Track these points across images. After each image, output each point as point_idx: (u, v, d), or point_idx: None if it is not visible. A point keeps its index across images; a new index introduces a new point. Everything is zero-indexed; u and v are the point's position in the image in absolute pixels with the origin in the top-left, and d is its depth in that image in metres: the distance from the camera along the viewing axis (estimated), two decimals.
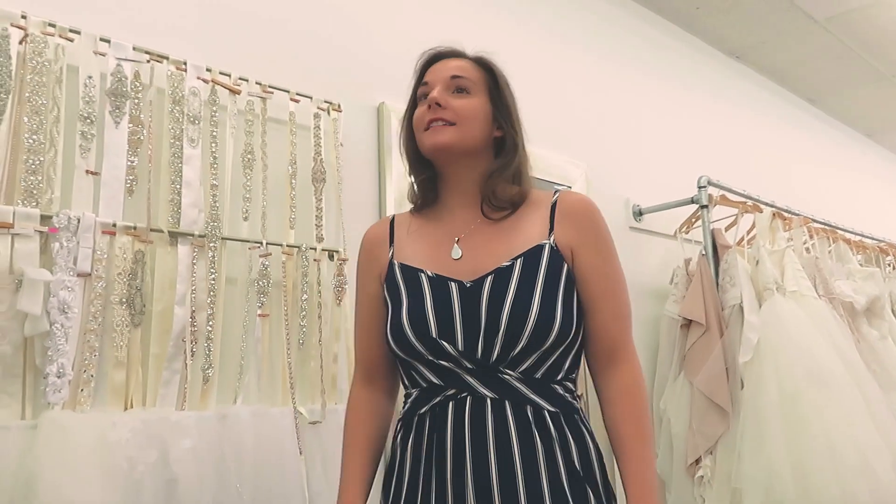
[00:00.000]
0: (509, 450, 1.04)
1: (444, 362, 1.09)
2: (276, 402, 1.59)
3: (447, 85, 1.18)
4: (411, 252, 1.20)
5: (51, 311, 1.28)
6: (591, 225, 1.17)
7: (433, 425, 1.09)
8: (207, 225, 1.54)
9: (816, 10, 3.15)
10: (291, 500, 1.50)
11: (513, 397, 1.07)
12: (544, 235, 1.15)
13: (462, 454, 1.05)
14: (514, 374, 1.08)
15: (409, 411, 1.14)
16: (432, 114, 1.16)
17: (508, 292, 1.08)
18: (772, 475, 2.04)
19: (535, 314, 1.07)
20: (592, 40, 2.78)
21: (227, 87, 1.63)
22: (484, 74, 1.22)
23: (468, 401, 1.07)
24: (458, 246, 1.17)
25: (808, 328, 2.29)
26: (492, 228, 1.18)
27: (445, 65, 1.21)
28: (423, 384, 1.12)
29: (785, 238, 2.60)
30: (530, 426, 1.06)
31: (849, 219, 3.25)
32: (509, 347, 1.07)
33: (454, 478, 1.05)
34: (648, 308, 2.60)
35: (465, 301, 1.10)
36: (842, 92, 4.04)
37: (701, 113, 3.26)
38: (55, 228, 1.32)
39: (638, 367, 1.17)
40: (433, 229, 1.22)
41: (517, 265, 1.11)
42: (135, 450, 1.30)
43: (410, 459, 1.11)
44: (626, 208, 2.70)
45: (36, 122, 1.34)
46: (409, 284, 1.15)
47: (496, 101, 1.21)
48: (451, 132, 1.15)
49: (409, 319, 1.11)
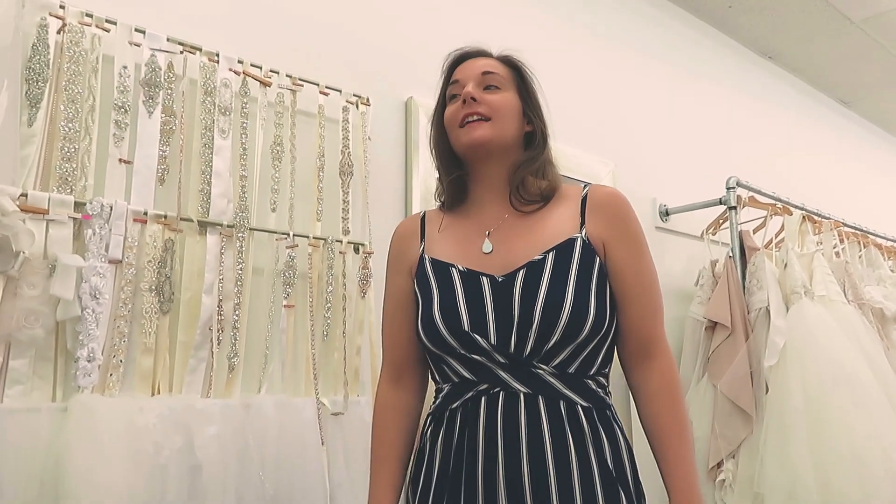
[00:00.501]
0: (541, 446, 1.04)
1: (476, 356, 1.09)
2: (300, 393, 1.61)
3: (479, 81, 1.19)
4: (442, 247, 1.20)
5: (82, 297, 1.31)
6: (623, 219, 1.16)
7: (465, 420, 1.09)
8: (236, 215, 1.56)
9: (852, 11, 3.10)
10: (312, 490, 1.52)
11: (546, 392, 1.06)
12: (576, 229, 1.14)
13: (494, 449, 1.04)
14: (547, 369, 1.07)
15: (441, 406, 1.14)
16: (468, 108, 1.17)
17: (542, 285, 1.08)
18: (795, 481, 2.01)
19: (569, 307, 1.06)
20: (623, 38, 2.76)
21: (258, 79, 1.65)
22: (511, 72, 1.24)
23: (501, 396, 1.06)
24: (489, 240, 1.17)
25: (836, 333, 2.25)
26: (522, 222, 1.17)
27: (475, 63, 1.23)
28: (455, 379, 1.12)
29: (814, 241, 2.56)
30: (563, 422, 1.05)
31: (881, 223, 3.19)
32: (543, 341, 1.06)
33: (485, 473, 1.04)
34: (673, 309, 2.58)
35: (497, 295, 1.10)
36: (877, 94, 3.96)
37: (731, 113, 3.22)
38: (88, 215, 1.34)
39: (673, 362, 1.16)
40: (464, 224, 1.22)
41: (549, 258, 1.11)
42: (161, 435, 1.33)
43: (440, 454, 1.11)
44: (652, 208, 2.67)
45: (72, 110, 1.36)
46: (441, 279, 1.15)
47: (525, 96, 1.22)
48: (487, 127, 1.16)
49: (441, 313, 1.11)
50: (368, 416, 1.65)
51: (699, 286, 2.47)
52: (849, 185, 3.87)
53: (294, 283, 1.63)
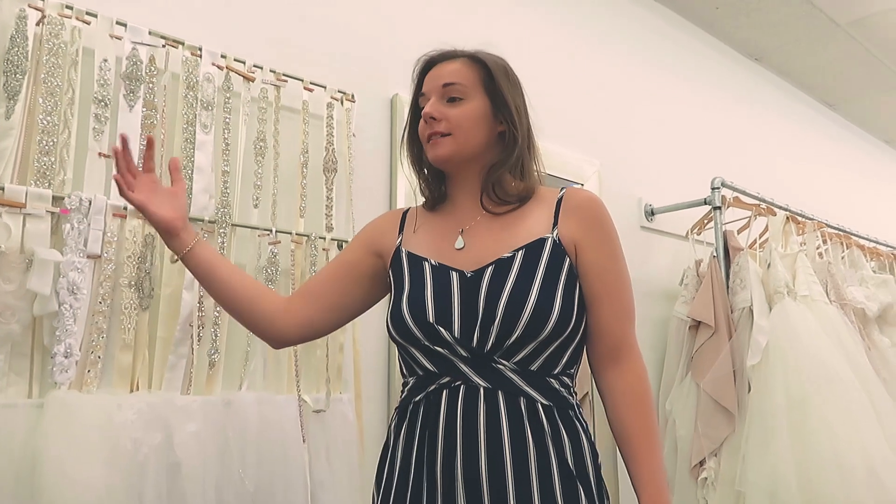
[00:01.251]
0: (499, 440, 1.04)
1: (439, 348, 1.10)
2: (281, 390, 1.60)
3: (441, 94, 1.18)
4: (418, 242, 1.22)
5: (60, 292, 1.29)
6: (598, 222, 1.17)
7: (426, 413, 1.10)
8: (218, 211, 1.55)
9: (839, 14, 3.12)
10: (294, 487, 1.51)
11: (506, 387, 1.07)
12: (548, 229, 1.16)
13: (453, 442, 1.05)
14: (508, 365, 1.08)
15: (405, 399, 1.15)
16: (428, 128, 1.18)
17: (507, 282, 1.09)
18: (776, 480, 2.02)
19: (531, 305, 1.07)
20: (611, 38, 2.76)
21: (241, 74, 1.64)
22: (479, 72, 1.20)
23: (461, 389, 1.07)
24: (462, 237, 1.18)
25: (818, 333, 2.27)
26: (495, 221, 1.18)
27: (439, 71, 1.20)
28: (420, 372, 1.13)
29: (798, 242, 2.58)
30: (522, 418, 1.06)
31: (864, 225, 3.22)
32: (505, 336, 1.07)
33: (445, 465, 1.05)
34: (657, 308, 2.59)
35: (464, 290, 1.11)
36: (862, 98, 3.99)
37: (717, 114, 3.23)
38: (67, 210, 1.33)
39: (643, 365, 1.16)
40: (441, 221, 1.23)
41: (518, 256, 1.12)
42: (139, 432, 1.32)
43: (403, 447, 1.12)
44: (638, 207, 2.68)
45: (51, 103, 1.35)
46: (413, 272, 1.17)
47: (494, 96, 1.19)
48: (448, 144, 1.17)
49: (409, 304, 1.13)
50: (351, 414, 1.65)
51: (683, 286, 2.48)
52: (832, 186, 3.90)
53: (277, 279, 1.62)
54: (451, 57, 1.22)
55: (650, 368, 2.54)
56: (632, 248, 2.66)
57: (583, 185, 2.42)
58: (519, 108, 1.20)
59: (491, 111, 1.19)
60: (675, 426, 2.31)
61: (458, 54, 1.22)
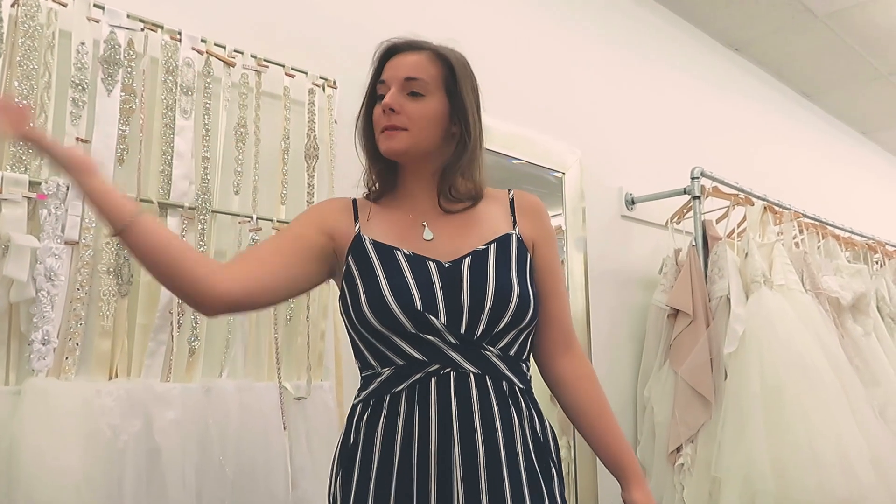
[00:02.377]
0: (492, 424, 1.09)
1: (428, 336, 1.10)
2: (262, 377, 1.60)
3: (401, 86, 1.17)
4: (381, 231, 1.20)
5: (37, 279, 1.28)
6: (547, 223, 1.28)
7: (411, 402, 1.09)
8: (198, 197, 1.53)
9: (817, 6, 3.15)
10: (274, 474, 1.51)
11: (493, 373, 1.12)
12: (510, 227, 1.23)
13: (448, 428, 1.07)
14: (494, 351, 1.13)
15: (378, 391, 1.12)
16: (386, 119, 1.17)
17: (489, 272, 1.14)
18: (751, 466, 2.06)
19: (516, 293, 1.13)
20: (593, 26, 2.76)
21: (221, 59, 1.62)
22: (442, 70, 1.19)
23: (452, 376, 1.09)
24: (429, 229, 1.20)
25: (794, 322, 2.30)
26: (454, 218, 1.22)
27: (402, 61, 1.19)
28: (400, 361, 1.11)
29: (775, 232, 2.61)
30: (507, 401, 1.12)
31: (839, 215, 3.27)
32: (494, 324, 1.12)
33: (440, 452, 1.06)
34: (637, 297, 2.61)
35: (445, 279, 1.13)
36: (839, 89, 4.04)
37: (697, 104, 3.26)
38: (44, 195, 1.31)
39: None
40: (397, 212, 1.23)
41: (492, 249, 1.18)
42: (118, 419, 1.31)
43: (381, 440, 1.10)
44: (618, 196, 2.70)
45: (26, 86, 1.33)
46: (385, 261, 1.15)
47: (453, 97, 1.19)
48: (403, 138, 1.16)
49: (393, 292, 1.11)
50: (332, 402, 1.66)
51: (662, 274, 2.50)
52: (809, 177, 3.94)
53: None
54: (416, 48, 1.20)
55: (629, 356, 2.59)
56: (612, 236, 2.70)
57: (564, 174, 2.43)
58: (475, 113, 1.21)
59: (448, 112, 1.19)
60: (652, 413, 2.34)
61: (423, 46, 1.21)
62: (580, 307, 2.36)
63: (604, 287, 2.49)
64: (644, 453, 2.36)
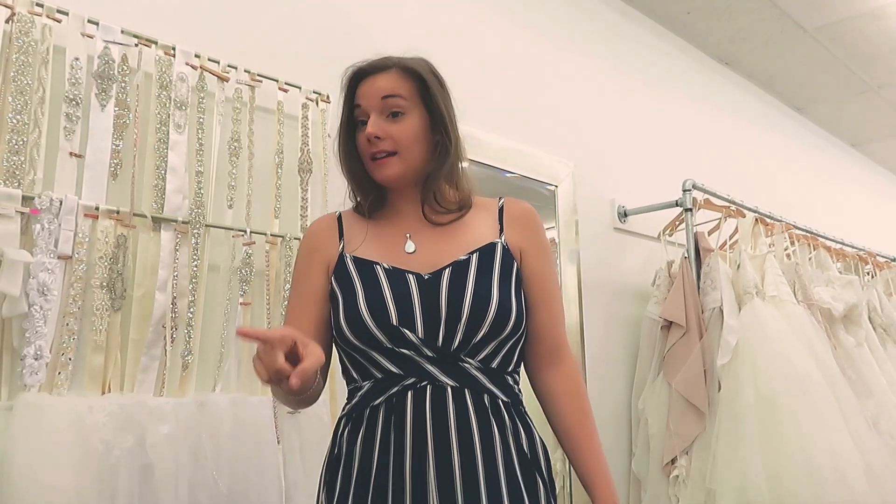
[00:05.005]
0: (470, 437, 1.07)
1: (404, 350, 1.10)
2: (256, 391, 1.59)
3: (380, 108, 1.17)
4: (364, 247, 1.20)
5: (30, 293, 1.27)
6: (539, 231, 1.25)
7: (388, 416, 1.09)
8: (191, 211, 1.54)
9: (805, 20, 3.18)
10: (268, 489, 1.50)
11: (472, 385, 1.10)
12: (496, 235, 1.21)
13: (423, 442, 1.06)
14: (472, 363, 1.11)
15: (359, 404, 1.13)
16: (373, 147, 1.17)
17: (468, 282, 1.12)
18: (745, 477, 2.06)
19: (495, 303, 1.11)
20: (584, 41, 2.79)
21: (215, 74, 1.63)
22: (414, 83, 1.19)
23: (428, 389, 1.08)
24: (411, 241, 1.20)
25: (786, 333, 2.31)
26: (440, 229, 1.21)
27: (374, 84, 1.19)
28: (378, 375, 1.11)
29: (766, 243, 2.63)
30: (488, 414, 1.09)
31: (830, 226, 3.29)
32: (471, 335, 1.10)
33: (414, 466, 1.05)
34: (630, 309, 2.62)
35: (423, 291, 1.12)
36: (828, 101, 4.08)
37: (689, 117, 3.28)
38: (37, 210, 1.31)
39: (577, 365, 1.25)
40: (383, 227, 1.23)
41: (473, 258, 1.16)
42: (111, 434, 1.30)
43: (360, 453, 1.09)
44: (611, 209, 2.71)
45: (21, 102, 1.33)
46: (364, 276, 1.15)
47: (431, 109, 1.20)
48: (395, 163, 1.17)
49: (368, 307, 1.11)
50: (326, 415, 1.65)
51: (655, 286, 2.51)
52: (800, 188, 3.97)
53: (251, 280, 1.61)
54: (383, 68, 1.20)
55: (623, 368, 2.59)
56: (605, 248, 2.71)
57: (557, 187, 2.44)
58: (451, 116, 1.22)
59: (429, 124, 1.19)
60: (647, 425, 2.34)
61: (389, 64, 1.20)
62: (574, 319, 2.37)
63: (597, 299, 2.50)
64: (639, 465, 2.36)
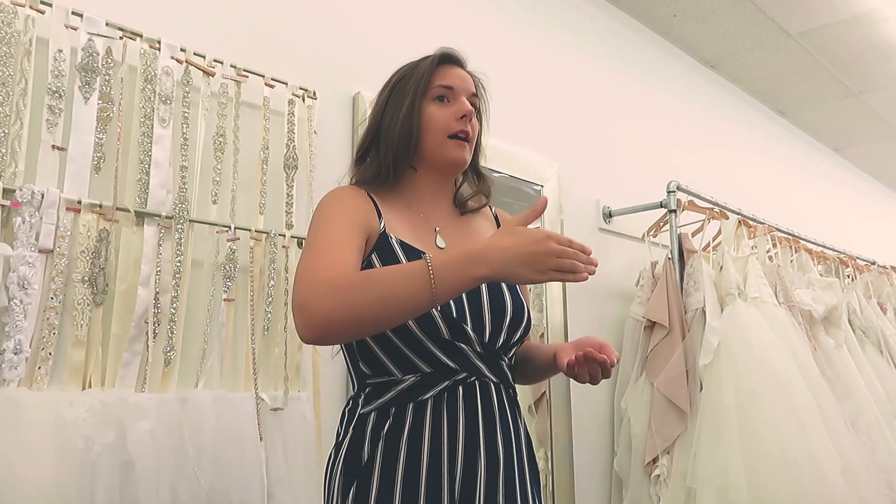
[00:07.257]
0: (508, 431, 1.14)
1: (460, 344, 1.13)
2: (239, 388, 1.58)
3: (471, 101, 1.25)
4: (402, 231, 1.19)
5: (10, 287, 1.26)
6: None
7: (437, 409, 1.10)
8: (175, 206, 1.53)
9: (790, 24, 3.21)
10: (250, 486, 1.50)
11: (504, 381, 1.18)
12: None
13: (475, 437, 1.10)
14: (506, 361, 1.19)
15: (400, 398, 1.11)
16: (464, 125, 1.22)
17: (502, 285, 1.19)
18: (726, 476, 2.08)
19: (527, 308, 1.22)
20: (571, 42, 2.80)
21: (200, 69, 1.62)
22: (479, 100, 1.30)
23: (476, 385, 1.13)
24: (441, 237, 1.24)
25: (768, 334, 2.34)
26: (460, 226, 1.27)
27: (465, 77, 1.26)
28: (427, 369, 1.11)
29: (749, 245, 2.65)
30: (515, 408, 1.19)
31: (812, 229, 3.32)
32: (511, 335, 1.18)
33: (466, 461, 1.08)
34: (614, 309, 2.63)
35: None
36: (811, 106, 4.12)
37: (674, 119, 3.30)
38: (18, 203, 1.30)
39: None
40: (408, 212, 1.23)
41: None
42: (91, 430, 1.29)
43: (406, 450, 1.08)
44: (596, 209, 2.72)
45: (2, 93, 1.31)
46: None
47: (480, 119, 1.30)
48: (468, 151, 1.24)
49: None
50: (308, 412, 1.65)
51: (639, 287, 2.52)
52: (783, 191, 4.01)
53: (235, 276, 1.60)
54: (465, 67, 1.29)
55: None
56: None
57: (543, 187, 2.45)
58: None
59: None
60: (629, 424, 2.35)
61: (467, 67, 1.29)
62: (558, 320, 2.38)
63: (581, 299, 2.51)
64: (621, 465, 2.37)
